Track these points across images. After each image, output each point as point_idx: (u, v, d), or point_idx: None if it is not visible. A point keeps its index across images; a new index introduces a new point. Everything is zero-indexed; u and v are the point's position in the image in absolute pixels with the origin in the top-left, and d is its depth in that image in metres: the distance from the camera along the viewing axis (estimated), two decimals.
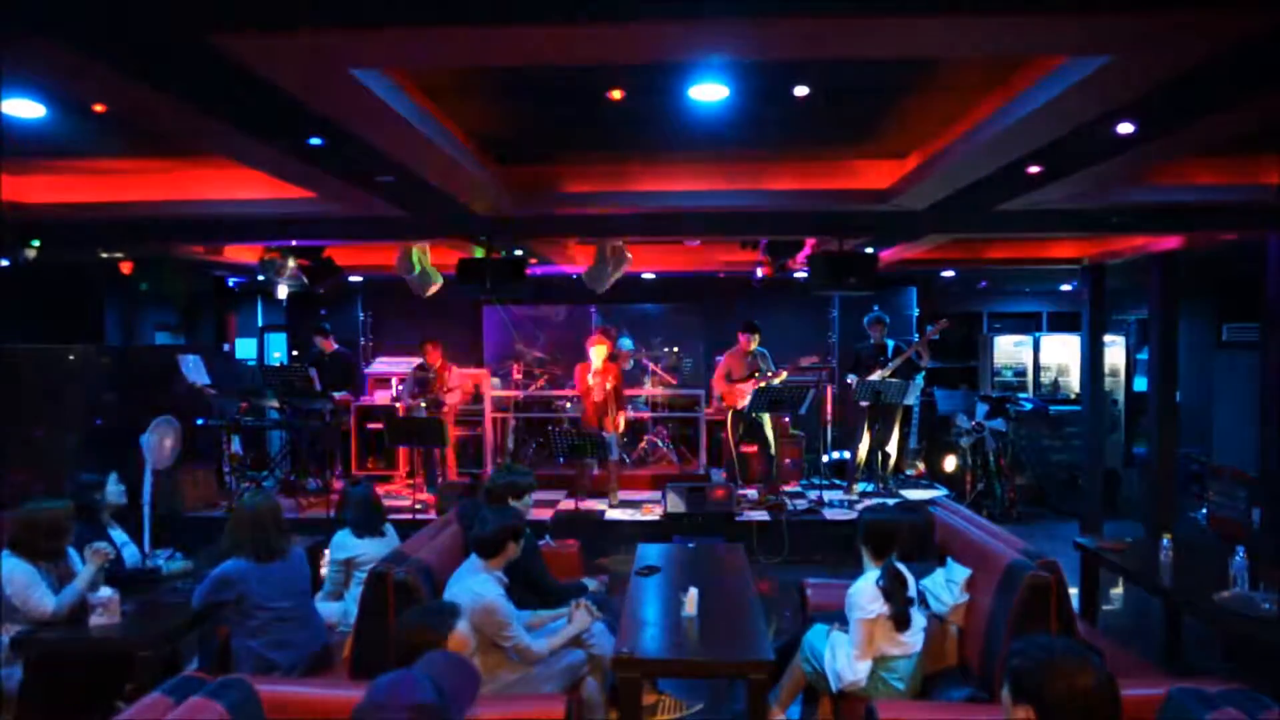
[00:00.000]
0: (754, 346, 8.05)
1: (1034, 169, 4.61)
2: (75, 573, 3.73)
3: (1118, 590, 6.35)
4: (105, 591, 3.59)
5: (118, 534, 4.31)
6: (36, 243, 6.49)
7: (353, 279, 9.48)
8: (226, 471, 8.20)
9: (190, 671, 2.65)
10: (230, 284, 10.06)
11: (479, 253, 7.12)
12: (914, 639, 3.40)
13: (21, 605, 3.53)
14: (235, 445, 8.40)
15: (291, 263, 7.71)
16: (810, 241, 7.58)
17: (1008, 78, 3.81)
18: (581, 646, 3.60)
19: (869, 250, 6.99)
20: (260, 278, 8.21)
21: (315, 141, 4.04)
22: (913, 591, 3.42)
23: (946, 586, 3.68)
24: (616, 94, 4.07)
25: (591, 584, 4.47)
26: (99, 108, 3.67)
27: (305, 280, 7.84)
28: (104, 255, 7.51)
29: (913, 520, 3.74)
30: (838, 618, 3.80)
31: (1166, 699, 2.29)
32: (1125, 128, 3.80)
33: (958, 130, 4.49)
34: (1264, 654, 3.33)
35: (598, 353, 7.94)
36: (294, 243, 7.44)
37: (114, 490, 4.29)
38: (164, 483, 7.15)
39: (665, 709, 3.78)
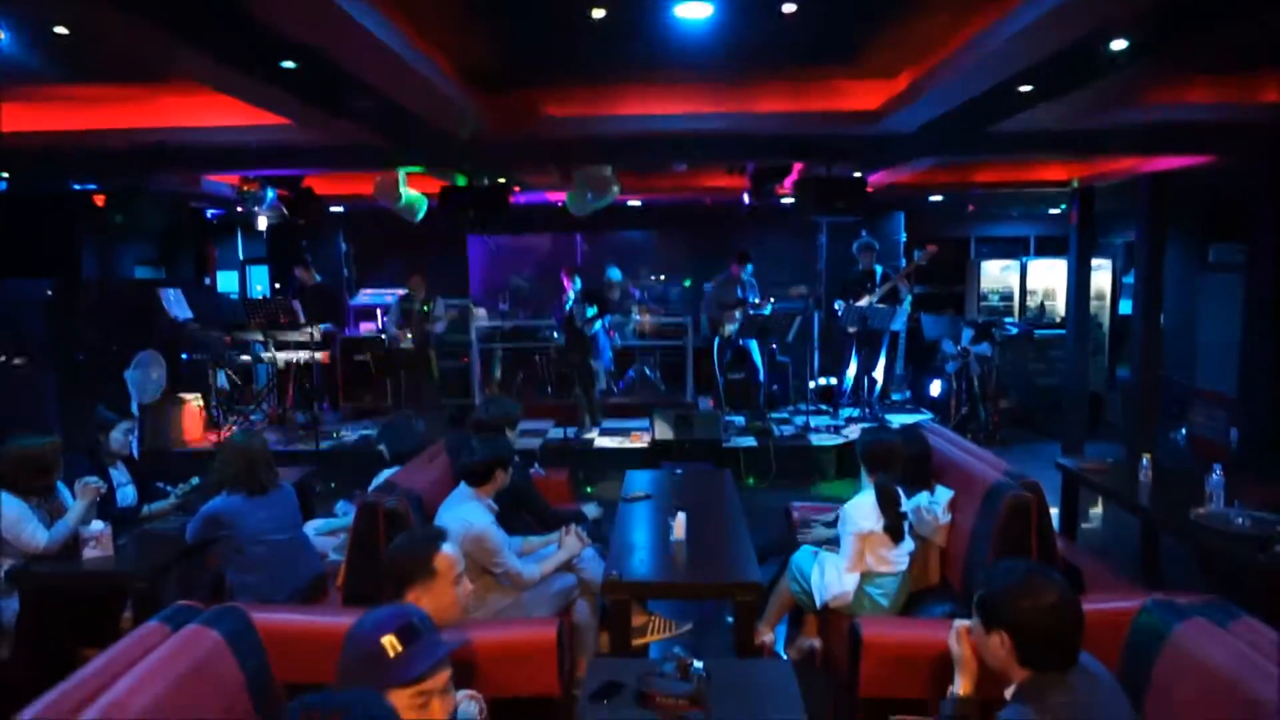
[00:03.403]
0: (744, 275, 8.04)
1: (1025, 88, 4.53)
2: (67, 508, 3.74)
3: (1097, 509, 6.49)
4: (97, 525, 3.61)
5: (119, 473, 4.31)
6: (5, 174, 6.32)
7: (334, 209, 9.32)
8: (213, 405, 8.18)
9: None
10: (209, 216, 9.87)
11: (461, 181, 6.99)
12: (901, 558, 3.48)
13: (14, 540, 3.55)
14: (221, 379, 8.37)
15: (270, 193, 7.55)
16: (798, 167, 7.47)
17: None
18: (572, 571, 3.66)
19: (857, 175, 6.91)
20: (239, 209, 8.06)
21: (288, 65, 3.91)
22: (905, 508, 3.50)
23: (930, 507, 3.74)
24: (599, 13, 3.94)
25: (592, 511, 4.53)
26: (60, 29, 3.52)
27: (285, 211, 7.69)
28: (76, 187, 7.33)
29: (909, 445, 3.80)
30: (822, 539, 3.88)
31: (1141, 609, 2.36)
32: (1118, 44, 3.72)
33: (948, 49, 4.39)
34: (1237, 568, 3.42)
35: (573, 283, 8.04)
36: (273, 172, 7.28)
37: (118, 438, 4.26)
38: (151, 418, 7.16)
39: (655, 629, 3.86)
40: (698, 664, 2.35)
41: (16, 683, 3.40)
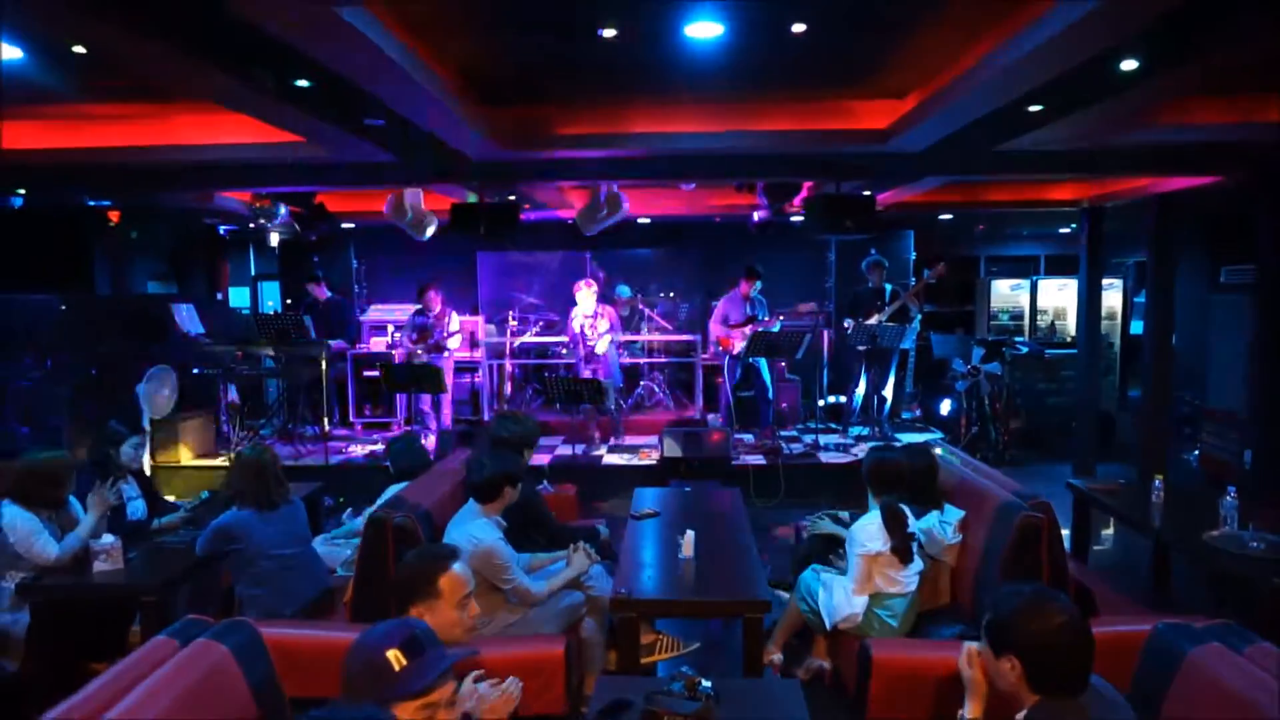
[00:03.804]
0: (753, 292, 8.04)
1: (1035, 108, 4.54)
2: (78, 521, 3.76)
3: (1108, 531, 6.44)
4: (107, 539, 3.62)
5: (129, 488, 4.33)
6: (21, 190, 6.41)
7: (345, 225, 9.39)
8: (224, 420, 8.22)
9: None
10: (221, 232, 9.96)
11: (472, 198, 7.04)
12: (910, 579, 3.45)
13: (25, 552, 3.57)
14: (232, 394, 8.41)
15: (282, 209, 7.62)
16: (807, 184, 7.50)
17: (1010, 12, 3.72)
18: (580, 588, 3.65)
19: (866, 193, 6.92)
20: (251, 225, 8.12)
21: (301, 84, 3.96)
22: (913, 528, 3.48)
23: (940, 527, 3.73)
24: (609, 32, 3.98)
25: (605, 530, 4.54)
26: (78, 49, 3.58)
27: (297, 227, 7.75)
28: (91, 203, 7.41)
29: (915, 463, 3.78)
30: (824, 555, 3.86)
31: (1153, 633, 2.34)
32: (1129, 64, 3.74)
33: (958, 68, 4.41)
34: (1251, 592, 3.38)
35: (585, 296, 7.96)
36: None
37: (128, 452, 4.27)
38: (162, 432, 7.19)
39: (663, 648, 3.84)
40: (706, 683, 2.34)
41: (26, 695, 3.41)
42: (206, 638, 2.22)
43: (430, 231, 7.87)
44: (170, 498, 4.50)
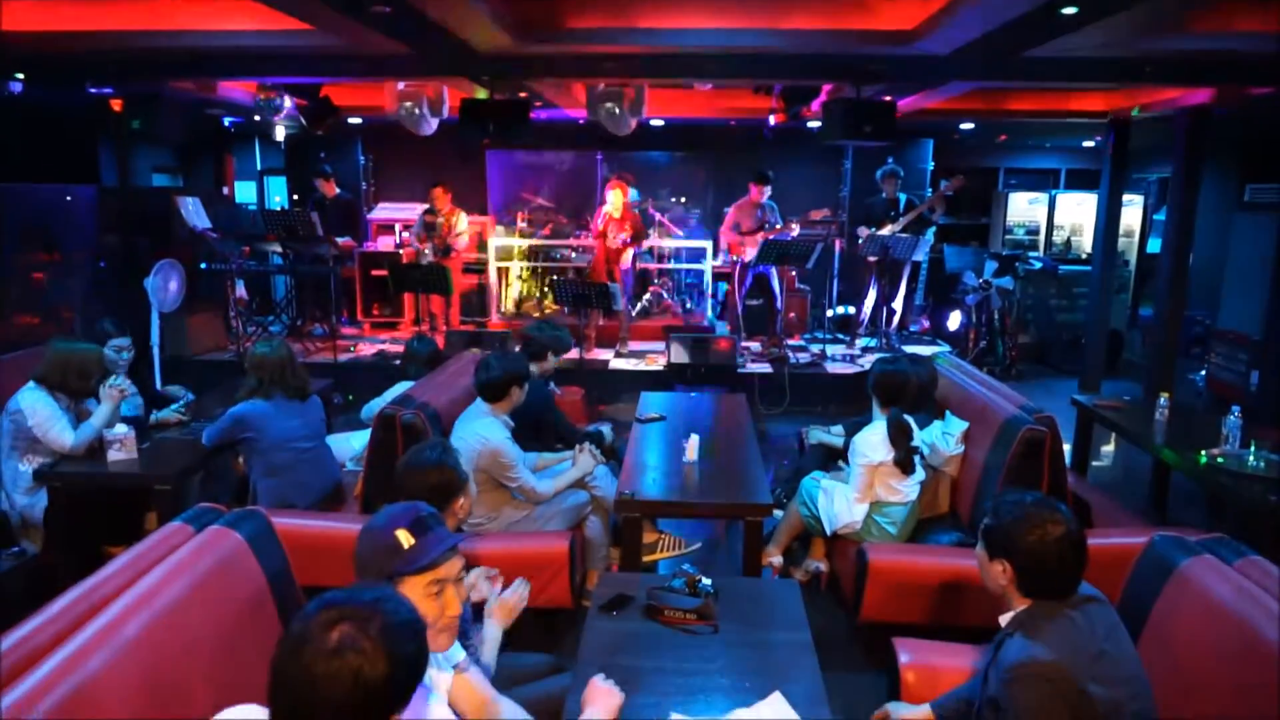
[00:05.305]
0: (764, 199, 7.89)
1: (1069, 10, 4.34)
2: (92, 412, 3.82)
3: (1109, 448, 6.50)
4: (121, 429, 3.69)
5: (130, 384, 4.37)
6: (20, 75, 6.25)
7: (352, 120, 9.19)
8: (232, 316, 8.24)
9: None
10: (227, 124, 9.75)
11: (481, 94, 6.85)
12: (911, 489, 3.50)
13: (43, 436, 3.65)
14: (240, 290, 8.40)
15: (288, 101, 7.43)
16: (826, 89, 7.26)
17: None
18: (585, 488, 3.72)
19: (886, 99, 6.71)
20: (256, 118, 7.94)
21: None
22: (917, 441, 3.51)
23: (943, 438, 3.76)
24: None
25: (609, 433, 4.61)
26: None
27: (303, 121, 7.58)
28: (93, 90, 7.23)
29: (920, 375, 3.78)
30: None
31: (1149, 544, 2.37)
32: None
33: None
34: (1250, 509, 3.42)
35: (614, 198, 7.79)
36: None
37: (109, 355, 4.18)
38: (171, 326, 7.22)
39: (665, 547, 3.95)
40: (706, 581, 2.40)
41: (48, 576, 3.54)
42: (220, 525, 2.27)
43: (430, 129, 7.59)
44: (165, 388, 4.53)
